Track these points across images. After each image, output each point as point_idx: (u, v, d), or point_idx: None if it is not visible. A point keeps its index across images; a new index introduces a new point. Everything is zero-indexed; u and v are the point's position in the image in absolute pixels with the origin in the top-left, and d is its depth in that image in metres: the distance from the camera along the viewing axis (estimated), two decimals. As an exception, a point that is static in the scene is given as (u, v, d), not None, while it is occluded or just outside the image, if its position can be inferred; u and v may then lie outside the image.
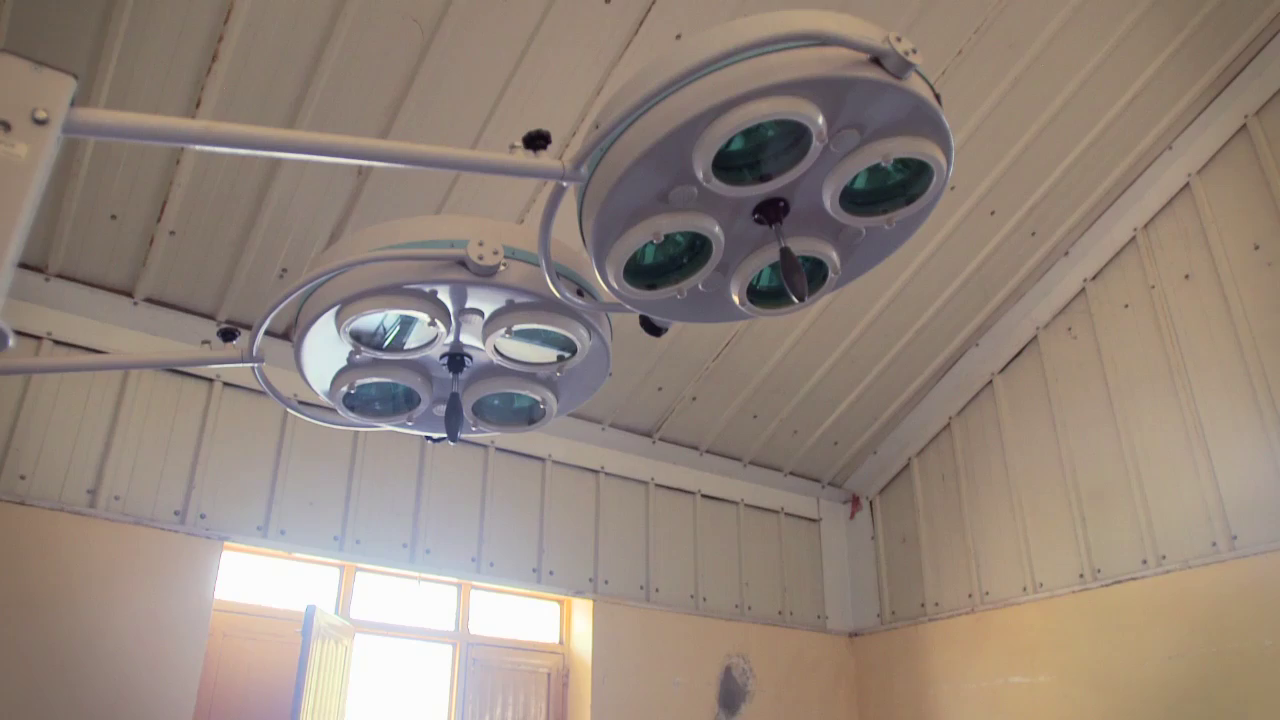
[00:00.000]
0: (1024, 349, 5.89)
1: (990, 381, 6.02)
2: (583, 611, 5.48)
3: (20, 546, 3.89)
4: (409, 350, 1.87)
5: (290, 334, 1.94)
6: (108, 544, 4.08)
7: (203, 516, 4.36)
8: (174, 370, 4.48)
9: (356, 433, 4.92)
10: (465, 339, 1.92)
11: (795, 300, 1.56)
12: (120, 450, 4.24)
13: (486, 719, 5.05)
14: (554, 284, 1.66)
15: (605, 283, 1.62)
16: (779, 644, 6.09)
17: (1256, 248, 4.88)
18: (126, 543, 4.13)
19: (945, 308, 5.66)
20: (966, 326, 5.88)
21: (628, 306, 1.73)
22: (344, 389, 1.96)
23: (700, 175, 1.42)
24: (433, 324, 1.78)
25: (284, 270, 4.45)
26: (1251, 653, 4.51)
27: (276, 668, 4.46)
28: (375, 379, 1.95)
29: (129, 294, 4.39)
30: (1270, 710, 4.39)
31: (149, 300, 4.43)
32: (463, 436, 2.06)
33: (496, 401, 2.07)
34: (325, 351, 1.94)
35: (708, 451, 6.14)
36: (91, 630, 3.93)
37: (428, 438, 2.18)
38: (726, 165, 1.45)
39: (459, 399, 1.93)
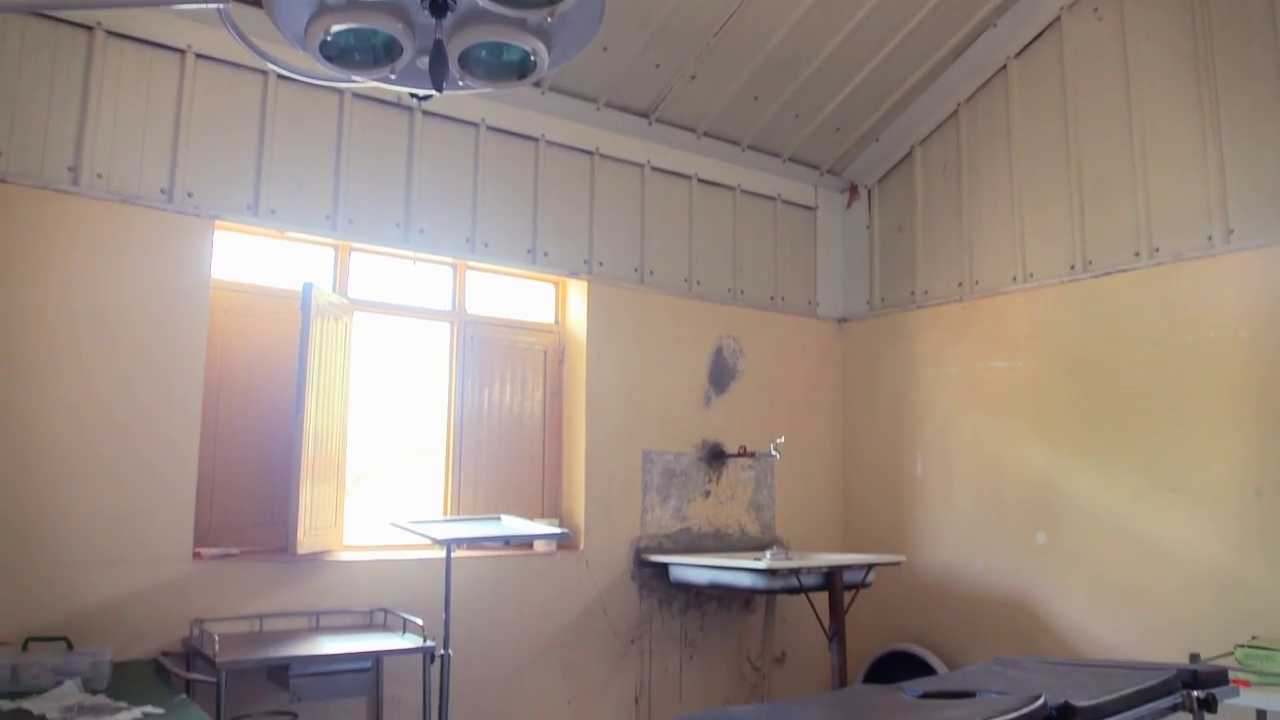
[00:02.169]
0: (1044, 31, 5.54)
1: (1004, 66, 5.73)
2: (578, 292, 5.57)
3: (7, 225, 3.84)
4: (386, -11, 1.71)
5: (261, -3, 1.76)
6: (96, 223, 4.02)
7: (190, 195, 4.28)
8: (140, 40, 4.20)
9: (342, 108, 4.73)
10: (448, -20, 1.75)
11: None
12: (96, 128, 4.07)
13: (486, 393, 5.27)
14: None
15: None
16: (769, 327, 6.26)
17: (1316, -87, 4.47)
18: (115, 221, 4.07)
19: (965, -18, 5.27)
20: (985, 4, 5.50)
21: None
22: (320, 36, 1.82)
23: None
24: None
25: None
26: (1227, 342, 4.64)
27: (279, 344, 4.57)
28: (352, 25, 1.80)
29: (82, -49, 4.03)
30: (1235, 390, 4.60)
31: (105, -41, 4.08)
32: (450, 94, 1.94)
33: (484, 53, 1.92)
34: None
35: (706, 134, 5.96)
36: (93, 308, 3.98)
37: (413, 94, 2.06)
38: None
39: (443, 46, 1.79)
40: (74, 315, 3.94)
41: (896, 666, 5.71)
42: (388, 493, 5.13)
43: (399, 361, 5.19)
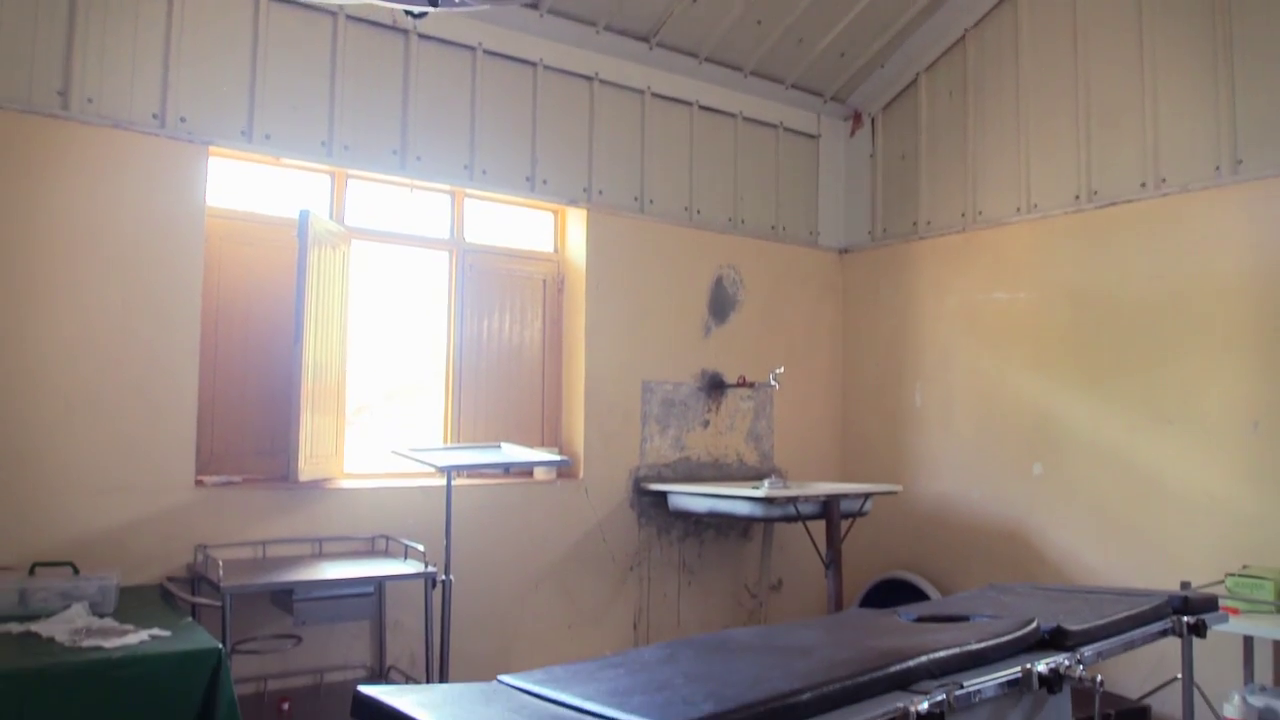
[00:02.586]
0: (1055, -46, 5.41)
1: (1015, -12, 5.61)
2: (577, 221, 5.51)
3: (-2, 150, 3.79)
4: (378, -100, 1.65)
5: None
6: (87, 149, 3.96)
7: (183, 120, 4.21)
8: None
9: (336, 30, 4.61)
10: (442, -111, 1.69)
11: None
12: (84, 50, 3.97)
13: (485, 323, 5.25)
14: None
15: None
16: (770, 257, 6.21)
17: None
18: (107, 147, 4.00)
19: (976, -100, 5.11)
20: (996, -76, 5.36)
21: None
22: (309, -51, 1.76)
23: None
24: None
25: None
26: (1230, 274, 4.61)
27: (276, 273, 4.54)
28: (343, -63, 1.74)
29: None
30: (1236, 322, 4.59)
31: None
32: (446, 12, 1.89)
33: (480, -32, 1.87)
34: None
35: (707, 60, 5.83)
36: (87, 236, 3.93)
37: (408, 12, 2.00)
38: None
39: (438, -40, 1.74)
40: (68, 243, 3.90)
41: (892, 594, 5.79)
42: (388, 423, 5.14)
43: (397, 291, 5.16)
